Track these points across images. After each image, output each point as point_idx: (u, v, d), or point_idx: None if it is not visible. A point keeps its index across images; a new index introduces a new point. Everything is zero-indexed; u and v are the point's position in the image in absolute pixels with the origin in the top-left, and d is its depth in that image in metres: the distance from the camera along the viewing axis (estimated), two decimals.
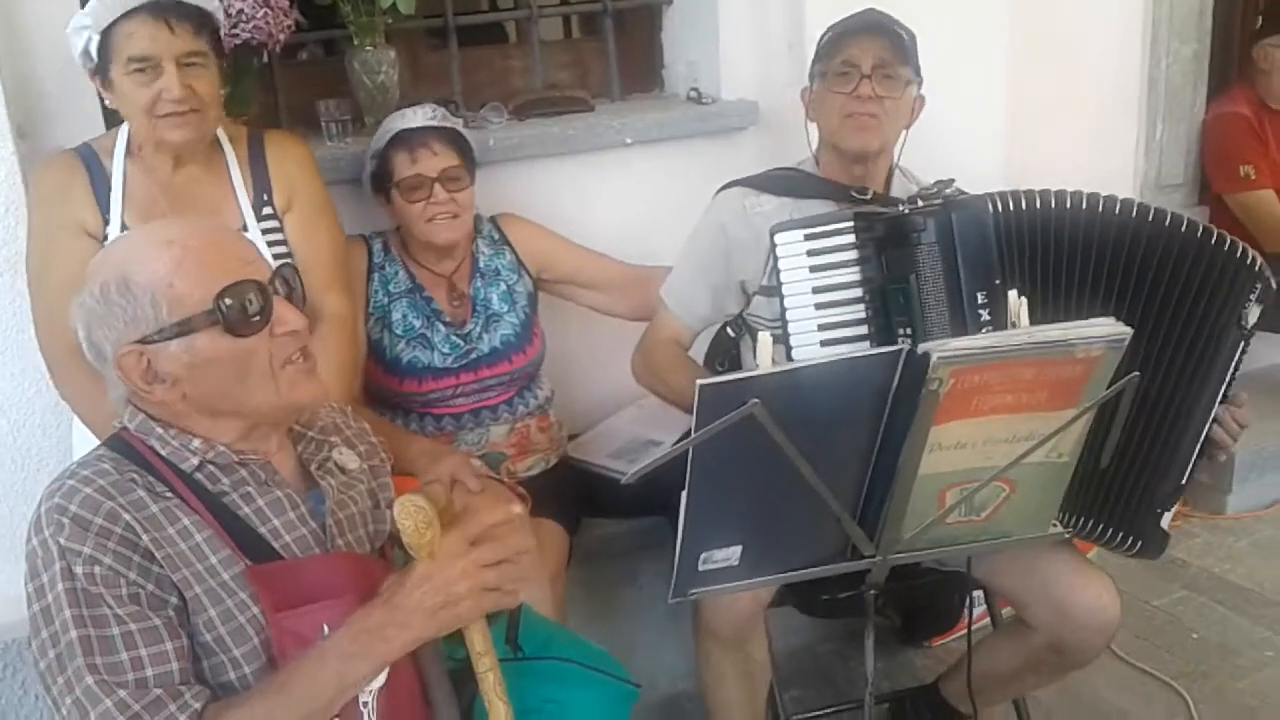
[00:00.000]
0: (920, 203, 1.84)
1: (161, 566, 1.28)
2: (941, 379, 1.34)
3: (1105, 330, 1.41)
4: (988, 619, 2.32)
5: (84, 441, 1.98)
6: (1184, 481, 1.84)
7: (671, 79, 2.98)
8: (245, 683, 1.32)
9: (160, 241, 1.34)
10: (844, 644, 2.71)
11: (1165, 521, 1.86)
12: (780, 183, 2.08)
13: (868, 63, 1.96)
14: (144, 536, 1.28)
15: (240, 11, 2.10)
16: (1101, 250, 1.80)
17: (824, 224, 1.87)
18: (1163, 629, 2.76)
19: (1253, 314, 1.79)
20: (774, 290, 1.90)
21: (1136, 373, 1.45)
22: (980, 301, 1.79)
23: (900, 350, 1.38)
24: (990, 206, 1.81)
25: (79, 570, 1.25)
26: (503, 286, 2.38)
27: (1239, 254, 1.78)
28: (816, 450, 1.39)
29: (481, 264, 2.38)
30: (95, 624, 1.25)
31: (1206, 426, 1.82)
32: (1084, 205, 1.81)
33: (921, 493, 1.46)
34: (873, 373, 1.40)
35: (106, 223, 1.95)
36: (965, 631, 2.08)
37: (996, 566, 1.97)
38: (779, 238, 1.87)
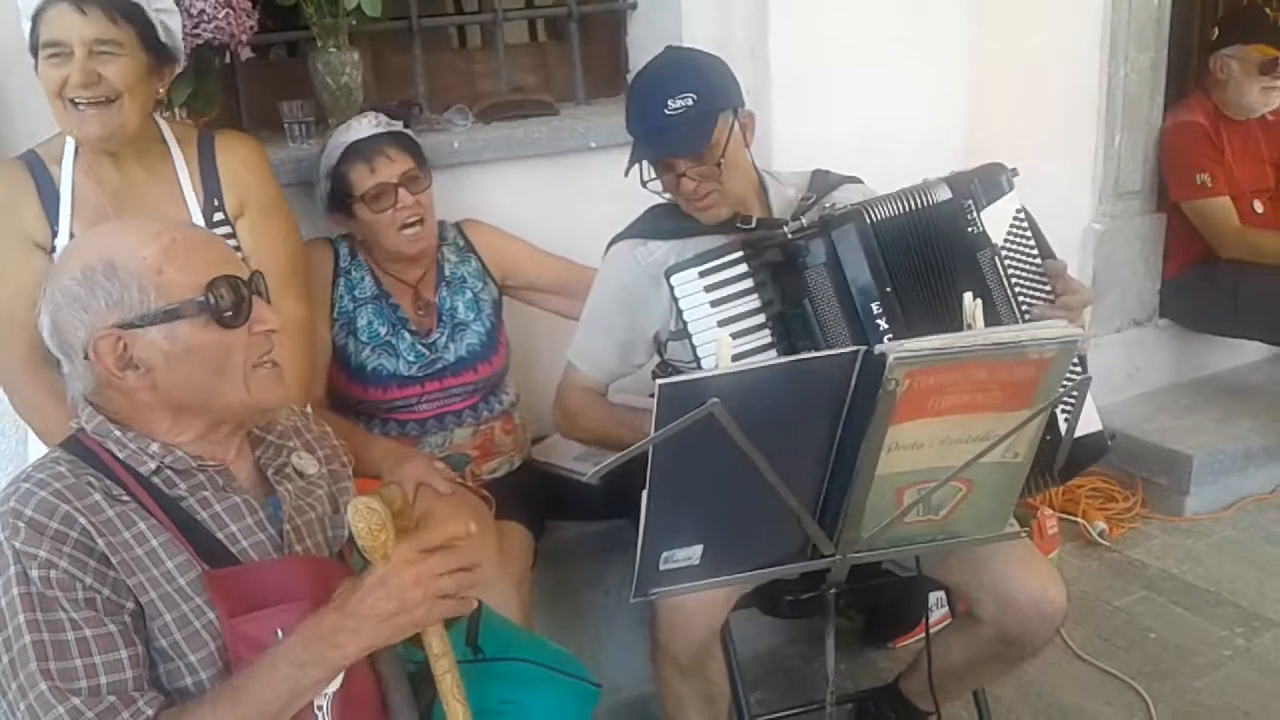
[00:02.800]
0: (803, 221, 1.86)
1: (117, 571, 1.28)
2: (898, 380, 1.35)
3: (1057, 332, 1.43)
4: (950, 619, 2.35)
5: (41, 444, 1.96)
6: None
7: None
8: (201, 688, 1.31)
9: (146, 231, 1.35)
10: (808, 646, 2.72)
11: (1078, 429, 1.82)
12: (666, 225, 2.08)
13: (680, 164, 1.95)
14: (100, 541, 1.27)
15: (202, 11, 2.08)
16: (937, 244, 1.84)
17: (716, 258, 1.87)
18: (1122, 629, 2.79)
19: (988, 219, 1.83)
20: (684, 333, 1.90)
21: (1090, 375, 1.47)
22: (876, 312, 1.81)
23: (857, 351, 1.39)
24: (866, 218, 1.82)
25: (34, 574, 1.24)
26: (469, 294, 2.37)
27: (932, 200, 1.83)
28: (775, 450, 1.40)
29: (447, 272, 2.37)
30: (50, 628, 1.24)
31: None
32: (929, 201, 1.84)
33: (879, 492, 1.48)
34: (830, 373, 1.41)
35: (55, 234, 1.90)
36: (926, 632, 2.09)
37: (948, 562, 1.99)
38: (675, 279, 1.87)
